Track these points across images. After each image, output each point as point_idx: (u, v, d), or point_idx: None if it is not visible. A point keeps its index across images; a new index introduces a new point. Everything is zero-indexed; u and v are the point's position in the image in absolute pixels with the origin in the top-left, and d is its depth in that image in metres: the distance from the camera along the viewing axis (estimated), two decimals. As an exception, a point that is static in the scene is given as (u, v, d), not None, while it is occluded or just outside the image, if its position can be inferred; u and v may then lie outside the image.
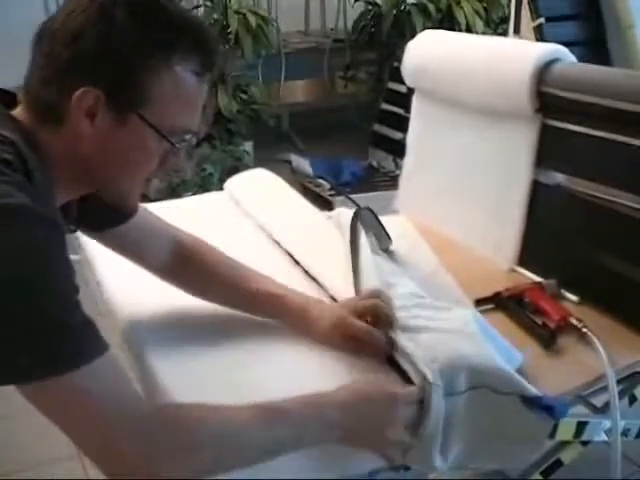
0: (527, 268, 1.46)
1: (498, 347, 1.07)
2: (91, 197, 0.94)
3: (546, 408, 1.00)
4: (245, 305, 1.17)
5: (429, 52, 1.71)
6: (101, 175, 0.89)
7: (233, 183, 1.74)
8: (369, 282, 1.18)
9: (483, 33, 3.82)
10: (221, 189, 1.75)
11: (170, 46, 0.85)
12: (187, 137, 0.92)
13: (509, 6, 3.00)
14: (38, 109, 0.86)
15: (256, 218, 1.53)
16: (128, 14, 0.83)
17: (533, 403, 1.00)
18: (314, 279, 1.30)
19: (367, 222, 1.41)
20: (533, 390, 1.01)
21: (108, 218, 1.06)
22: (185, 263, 1.16)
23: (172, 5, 0.88)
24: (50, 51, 0.84)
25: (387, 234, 1.46)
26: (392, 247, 1.47)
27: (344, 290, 1.22)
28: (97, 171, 0.88)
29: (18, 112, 0.87)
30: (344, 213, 1.45)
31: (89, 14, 0.83)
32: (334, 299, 1.22)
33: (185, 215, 1.00)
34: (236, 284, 1.15)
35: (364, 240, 1.33)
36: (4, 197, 0.74)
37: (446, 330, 1.06)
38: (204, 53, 0.88)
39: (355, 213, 1.38)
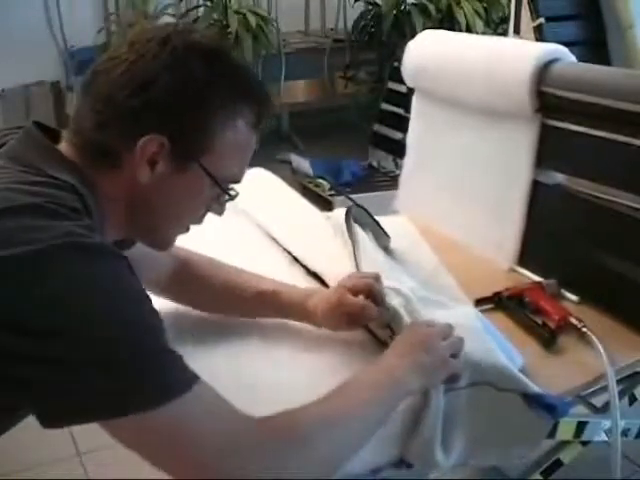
0: (527, 268, 1.46)
1: (500, 346, 1.07)
2: None
3: (547, 406, 1.00)
4: (244, 310, 1.18)
5: (429, 52, 1.71)
6: (149, 220, 0.90)
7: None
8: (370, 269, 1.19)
9: (483, 33, 3.82)
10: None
11: (236, 98, 0.86)
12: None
13: (509, 6, 3.01)
14: (93, 152, 0.84)
15: (255, 217, 1.53)
16: (202, 64, 0.83)
17: (534, 401, 1.00)
18: (314, 277, 1.30)
19: (363, 220, 1.41)
20: (535, 388, 1.01)
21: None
22: (179, 279, 1.16)
23: (235, 58, 0.90)
24: (113, 96, 0.82)
25: (384, 232, 1.46)
26: (392, 246, 1.47)
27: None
28: (145, 216, 0.89)
29: (66, 151, 0.85)
30: (342, 213, 1.45)
31: (161, 60, 0.82)
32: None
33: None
34: (232, 293, 1.15)
35: (363, 236, 1.32)
36: (81, 237, 0.74)
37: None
38: (261, 107, 0.89)
39: (347, 211, 1.38)
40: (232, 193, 0.92)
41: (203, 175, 0.86)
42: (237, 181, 0.92)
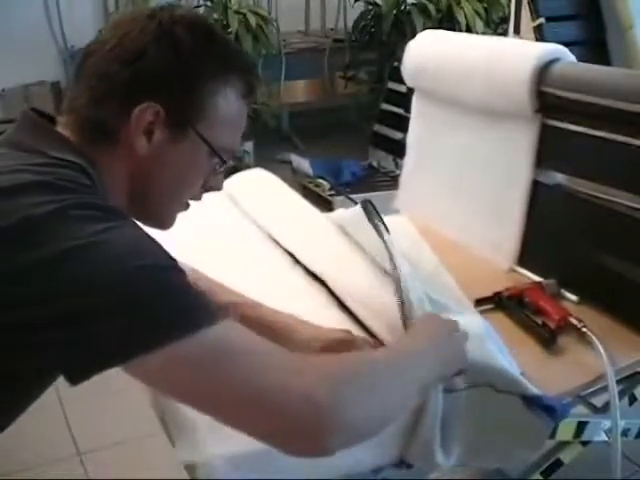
0: (527, 268, 1.46)
1: (502, 351, 1.07)
2: None
3: (547, 409, 1.00)
4: None
5: (429, 52, 1.71)
6: (150, 196, 0.90)
7: (231, 183, 1.73)
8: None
9: (483, 33, 3.82)
10: (221, 189, 1.74)
11: (224, 67, 0.88)
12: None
13: (509, 6, 3.00)
14: (89, 129, 0.86)
15: (255, 218, 1.53)
16: (188, 33, 0.86)
17: (534, 403, 1.00)
18: (315, 278, 1.30)
19: (371, 215, 1.40)
20: (534, 390, 1.01)
21: None
22: None
23: (220, 31, 0.93)
24: (106, 71, 0.84)
25: (387, 229, 1.45)
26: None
27: (345, 288, 1.22)
28: (146, 191, 0.90)
29: (64, 133, 0.87)
30: (346, 213, 1.44)
31: (150, 33, 0.85)
32: (336, 297, 1.22)
33: (183, 215, 1.00)
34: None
35: (387, 237, 1.31)
36: (96, 199, 0.78)
37: None
38: (249, 78, 0.91)
39: (364, 207, 1.36)
40: (228, 163, 0.93)
41: (199, 142, 0.88)
42: (233, 151, 0.94)
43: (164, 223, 0.95)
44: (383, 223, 1.43)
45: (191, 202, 0.96)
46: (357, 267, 1.24)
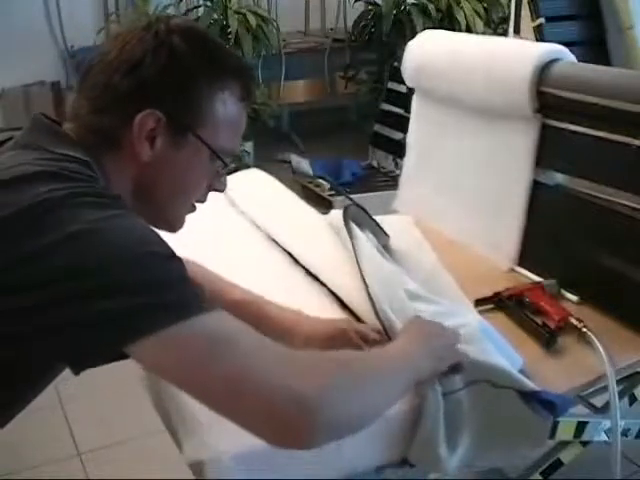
0: (527, 268, 1.47)
1: (499, 349, 1.07)
2: None
3: (545, 404, 1.00)
4: None
5: (429, 52, 1.71)
6: (155, 200, 0.93)
7: (228, 183, 1.73)
8: (376, 285, 1.18)
9: (483, 33, 3.82)
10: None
11: (220, 72, 0.91)
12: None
13: (509, 6, 3.00)
14: (93, 136, 0.88)
15: (253, 218, 1.53)
16: (183, 42, 0.89)
17: (531, 398, 1.00)
18: (314, 277, 1.30)
19: (361, 220, 1.41)
20: (530, 384, 1.01)
21: None
22: None
23: (215, 37, 0.97)
24: (107, 82, 0.87)
25: (383, 231, 1.45)
26: (393, 246, 1.47)
27: (345, 288, 1.22)
28: (152, 196, 0.92)
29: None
30: (340, 213, 1.45)
31: (146, 43, 0.88)
32: (336, 297, 1.22)
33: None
34: (214, 298, 1.15)
35: (361, 236, 1.32)
36: (98, 189, 0.80)
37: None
38: (245, 81, 0.94)
39: (345, 211, 1.38)
40: (230, 165, 0.96)
41: (201, 146, 0.90)
42: (233, 153, 0.96)
43: (173, 226, 0.97)
44: (378, 225, 1.44)
45: (197, 204, 0.98)
46: (350, 268, 1.24)
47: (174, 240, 1.17)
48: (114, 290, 0.73)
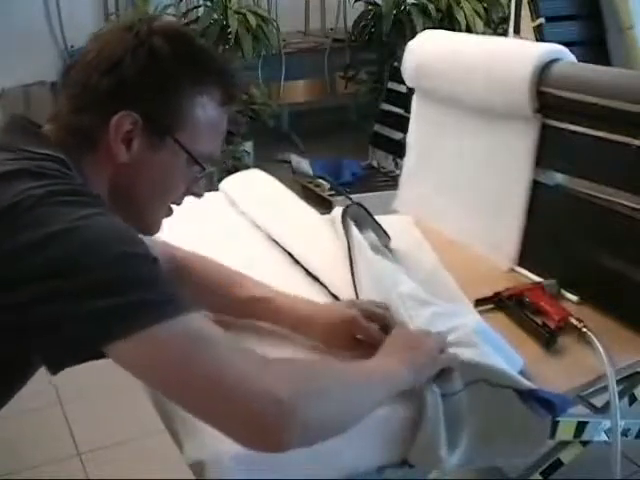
0: (527, 268, 1.46)
1: (498, 350, 1.07)
2: None
3: (543, 402, 1.00)
4: (238, 311, 1.15)
5: (429, 52, 1.71)
6: (132, 203, 0.92)
7: (228, 184, 1.73)
8: (369, 286, 1.18)
9: (483, 33, 3.82)
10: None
11: (201, 76, 0.90)
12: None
13: (509, 6, 3.00)
14: (71, 136, 0.88)
15: (253, 218, 1.53)
16: (165, 43, 0.88)
17: (529, 397, 1.00)
18: (314, 278, 1.30)
19: (362, 220, 1.41)
20: (527, 383, 1.01)
21: None
22: (176, 278, 1.16)
23: (199, 40, 0.96)
24: (86, 81, 0.87)
25: (384, 231, 1.45)
26: (393, 246, 1.47)
27: (345, 288, 1.22)
28: (129, 198, 0.91)
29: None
30: (339, 213, 1.45)
31: (127, 43, 0.87)
32: (336, 297, 1.22)
33: (182, 215, 1.01)
34: (227, 292, 1.14)
35: (360, 238, 1.32)
36: (76, 186, 0.80)
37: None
38: (227, 86, 0.93)
39: (344, 211, 1.37)
40: (208, 169, 0.95)
41: (178, 150, 0.89)
42: (212, 159, 0.95)
43: (150, 228, 0.97)
44: (379, 225, 1.44)
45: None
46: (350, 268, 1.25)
47: (175, 240, 1.17)
48: (92, 289, 0.72)
